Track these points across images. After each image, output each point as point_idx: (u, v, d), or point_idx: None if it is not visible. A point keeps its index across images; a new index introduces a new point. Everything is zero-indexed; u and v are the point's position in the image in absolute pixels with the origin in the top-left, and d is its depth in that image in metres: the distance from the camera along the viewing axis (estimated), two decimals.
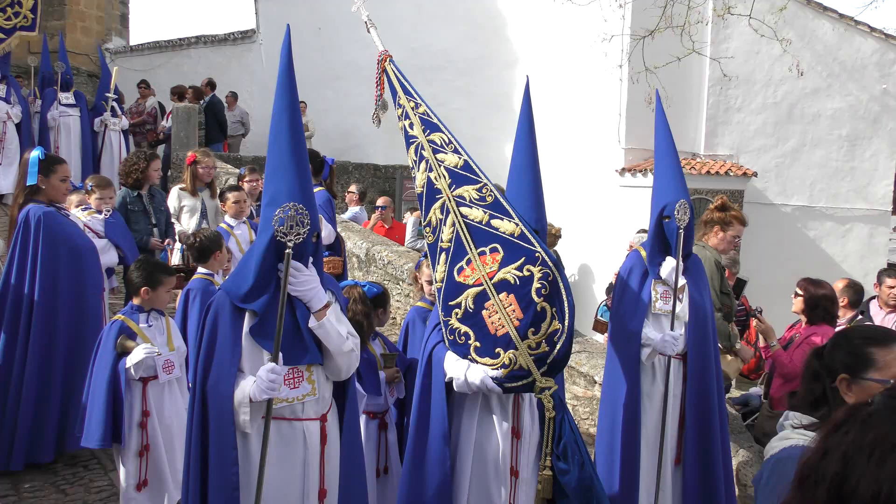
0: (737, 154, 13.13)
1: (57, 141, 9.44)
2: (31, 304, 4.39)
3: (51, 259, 4.41)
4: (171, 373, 3.79)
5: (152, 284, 3.83)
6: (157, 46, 16.98)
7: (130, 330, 3.75)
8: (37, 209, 4.45)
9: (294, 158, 2.76)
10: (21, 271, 4.41)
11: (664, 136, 3.96)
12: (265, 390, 2.60)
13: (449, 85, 13.74)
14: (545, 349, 2.94)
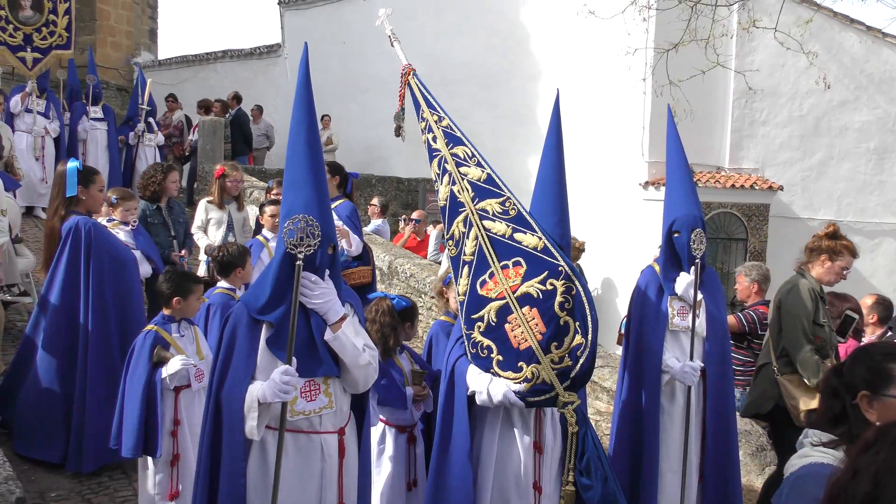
0: (762, 168, 13.01)
1: (85, 153, 9.60)
2: (86, 313, 4.41)
3: (101, 270, 4.45)
4: (202, 381, 3.83)
5: (183, 294, 3.87)
6: (185, 61, 17.26)
7: (164, 340, 3.79)
8: (84, 221, 4.48)
9: (311, 172, 2.78)
10: (73, 282, 4.41)
11: (676, 151, 3.97)
12: (278, 393, 2.59)
13: (472, 98, 13.78)
14: (568, 363, 2.93)
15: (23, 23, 7.92)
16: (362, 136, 14.79)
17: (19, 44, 7.90)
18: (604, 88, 12.66)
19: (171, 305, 3.88)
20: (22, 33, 7.91)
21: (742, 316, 5.54)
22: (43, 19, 8.03)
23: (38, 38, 8.00)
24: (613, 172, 12.76)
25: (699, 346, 3.83)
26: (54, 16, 8.11)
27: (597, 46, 12.13)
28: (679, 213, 3.83)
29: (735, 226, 12.46)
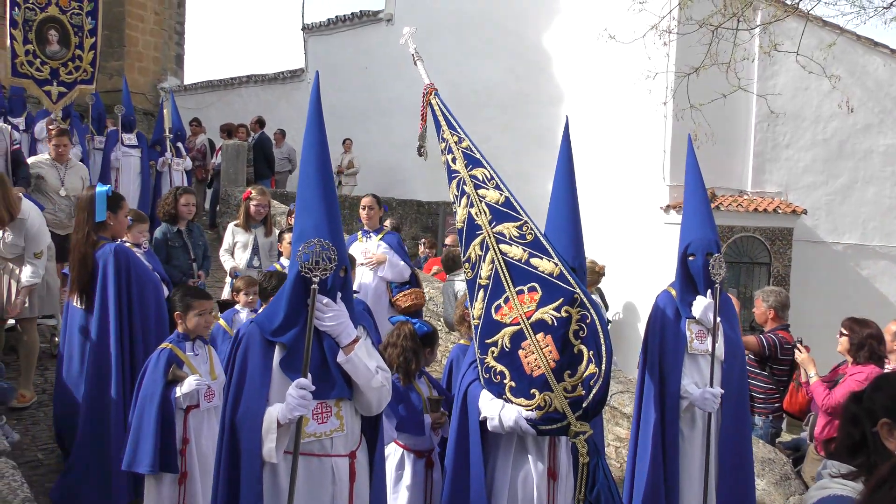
0: (785, 191, 12.88)
1: (118, 180, 9.74)
2: (130, 337, 4.45)
3: (142, 299, 4.50)
4: (212, 401, 3.84)
5: (184, 309, 3.90)
6: (210, 85, 17.54)
7: (179, 359, 3.81)
8: (121, 248, 4.54)
9: (322, 195, 2.81)
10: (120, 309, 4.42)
11: (694, 177, 3.99)
12: (295, 407, 2.59)
13: (493, 121, 13.83)
14: (581, 392, 2.89)
15: (50, 57, 8.15)
16: (383, 159, 14.88)
17: (46, 78, 8.14)
18: (625, 112, 12.65)
19: (175, 320, 3.91)
20: (49, 67, 8.14)
21: (763, 338, 5.45)
22: (69, 54, 8.26)
23: (63, 72, 8.23)
24: (635, 196, 12.71)
25: (717, 371, 3.79)
26: (80, 51, 8.32)
27: (617, 70, 12.13)
28: (694, 236, 3.83)
29: (758, 250, 12.32)
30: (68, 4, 8.22)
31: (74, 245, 4.58)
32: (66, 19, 8.21)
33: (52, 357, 6.02)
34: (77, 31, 8.28)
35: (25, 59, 7.99)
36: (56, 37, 8.19)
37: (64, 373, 4.63)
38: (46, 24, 8.11)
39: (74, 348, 4.55)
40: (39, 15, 8.03)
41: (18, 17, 7.93)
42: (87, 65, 8.38)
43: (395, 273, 6.11)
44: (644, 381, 3.94)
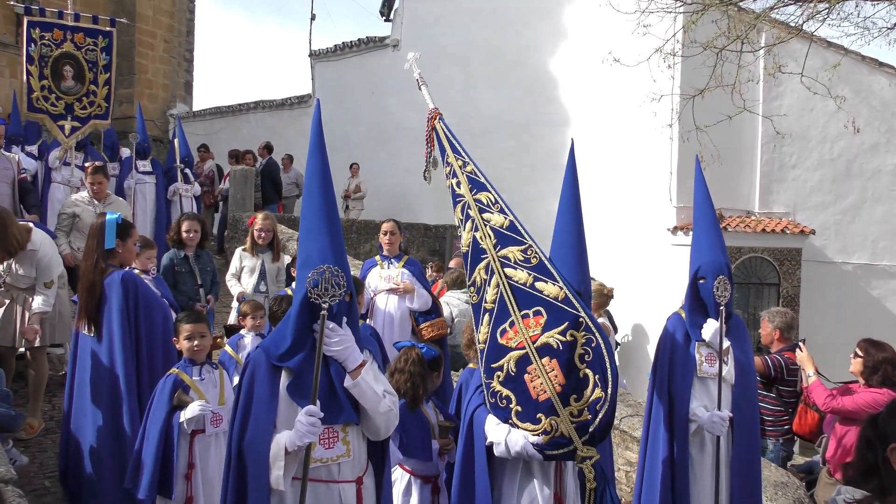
0: (793, 211, 12.85)
1: (133, 207, 9.79)
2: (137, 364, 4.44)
3: (149, 326, 4.50)
4: (219, 426, 3.83)
5: (175, 333, 3.95)
6: (219, 112, 17.72)
7: (185, 384, 3.81)
8: (129, 275, 4.54)
9: (325, 221, 2.83)
10: (129, 336, 4.43)
11: (703, 199, 3.99)
12: (305, 434, 2.59)
13: (499, 146, 13.89)
14: (587, 417, 2.87)
15: (65, 92, 8.24)
16: (390, 184, 14.95)
17: (60, 112, 8.22)
18: (631, 134, 12.69)
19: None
20: (63, 103, 8.22)
21: (769, 359, 5.41)
22: (84, 90, 8.34)
23: (78, 107, 8.33)
24: (642, 218, 12.70)
25: (727, 394, 3.76)
26: (95, 86, 8.41)
27: (623, 93, 12.19)
28: (704, 259, 3.81)
29: (767, 270, 12.26)
30: (83, 41, 8.33)
31: (83, 272, 4.59)
32: (81, 55, 8.31)
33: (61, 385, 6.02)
34: (92, 66, 8.38)
35: (41, 94, 8.09)
36: (71, 72, 8.28)
37: (74, 401, 4.61)
38: (62, 60, 8.21)
39: (84, 376, 4.54)
40: (55, 51, 8.14)
41: (34, 54, 8.05)
42: (101, 100, 8.47)
43: (421, 303, 5.97)
44: (653, 404, 3.91)
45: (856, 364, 4.60)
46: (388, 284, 5.99)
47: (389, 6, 16.07)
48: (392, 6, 15.88)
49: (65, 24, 8.22)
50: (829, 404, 4.55)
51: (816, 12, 7.89)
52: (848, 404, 4.46)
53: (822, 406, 4.60)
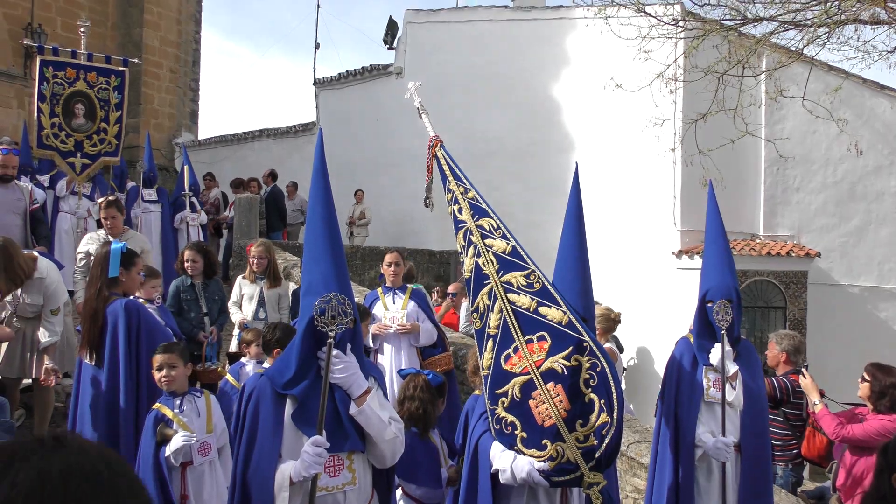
0: (798, 234, 12.84)
1: None
2: (137, 393, 4.41)
3: (152, 351, 4.46)
4: (208, 455, 3.81)
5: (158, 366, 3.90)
6: (224, 140, 17.85)
7: (167, 417, 3.79)
8: (132, 303, 4.53)
9: (329, 248, 2.83)
10: (130, 365, 4.41)
11: (714, 222, 3.97)
12: (311, 465, 2.56)
13: (502, 171, 13.94)
14: (594, 442, 2.84)
15: (75, 130, 8.33)
16: (395, 210, 15.00)
17: (70, 150, 8.29)
18: (634, 159, 12.73)
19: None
20: (73, 140, 8.30)
21: (775, 381, 5.36)
22: (95, 127, 8.44)
23: (88, 144, 8.40)
24: (647, 242, 12.70)
25: (735, 419, 3.71)
26: (106, 124, 8.51)
27: (626, 118, 12.26)
28: (712, 283, 3.79)
29: (773, 294, 12.21)
30: (96, 80, 8.44)
31: (86, 300, 4.60)
32: (93, 94, 8.42)
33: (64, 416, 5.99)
34: (103, 105, 8.49)
35: (51, 131, 8.16)
36: (83, 110, 8.37)
37: (77, 430, 4.59)
38: (74, 98, 8.32)
39: (86, 405, 4.52)
40: (67, 90, 8.25)
41: (46, 92, 8.15)
42: (111, 137, 8.56)
43: (426, 339, 5.77)
44: (660, 429, 3.87)
45: (863, 389, 4.55)
46: (393, 325, 5.73)
47: (392, 35, 16.26)
48: (395, 35, 16.07)
49: (78, 63, 8.35)
50: (838, 433, 4.49)
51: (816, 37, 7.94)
52: (858, 433, 4.41)
53: (832, 435, 4.55)
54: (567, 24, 14.13)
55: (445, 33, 14.97)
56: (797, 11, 7.89)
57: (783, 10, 7.90)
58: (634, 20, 8.87)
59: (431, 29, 15.12)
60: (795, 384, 5.28)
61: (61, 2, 15.76)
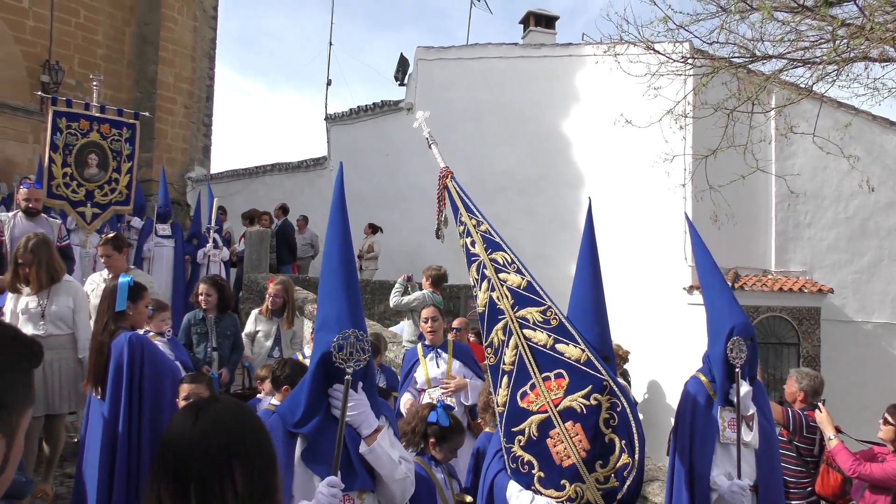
0: (810, 270, 12.76)
1: (150, 270, 9.86)
2: (139, 428, 4.38)
3: (156, 387, 4.45)
4: None
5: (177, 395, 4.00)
6: (235, 174, 17.98)
7: None
8: (136, 336, 4.52)
9: (343, 285, 2.81)
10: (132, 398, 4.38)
11: (707, 258, 3.90)
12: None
13: (512, 205, 13.97)
14: (614, 484, 2.78)
15: (87, 180, 8.46)
16: (404, 244, 15.01)
17: (81, 199, 8.42)
18: (644, 194, 12.73)
19: None
20: (85, 189, 8.43)
21: (790, 412, 5.28)
22: (107, 177, 8.58)
23: (99, 194, 8.54)
24: (657, 277, 12.64)
25: (751, 460, 3.64)
26: (118, 174, 8.67)
27: (635, 153, 12.29)
28: (736, 320, 3.69)
29: (785, 330, 12.10)
30: (109, 131, 8.61)
31: (93, 334, 4.62)
32: (106, 145, 8.57)
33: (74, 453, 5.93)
34: (116, 155, 8.64)
35: (62, 181, 8.28)
36: (96, 160, 8.51)
37: (84, 465, 4.56)
38: (87, 149, 8.46)
39: (94, 440, 4.49)
40: (81, 140, 8.39)
41: (59, 142, 8.28)
42: (122, 187, 8.69)
43: (475, 395, 5.27)
44: (674, 470, 3.80)
45: (886, 431, 4.47)
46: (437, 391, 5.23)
47: (403, 71, 16.45)
48: (406, 71, 16.25)
49: (91, 115, 8.53)
50: (855, 470, 4.41)
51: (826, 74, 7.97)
52: (876, 472, 4.33)
53: (848, 472, 4.46)
54: (576, 61, 14.26)
55: (456, 70, 15.14)
56: (806, 49, 7.93)
57: (792, 47, 7.96)
58: (643, 57, 8.94)
59: (442, 65, 15.30)
60: (809, 419, 5.21)
61: (79, 39, 16.04)
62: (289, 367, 4.53)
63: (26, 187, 6.99)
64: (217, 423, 1.57)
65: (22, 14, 14.99)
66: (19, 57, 14.95)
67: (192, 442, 1.52)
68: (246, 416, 1.65)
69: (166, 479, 1.52)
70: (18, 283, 5.24)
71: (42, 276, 5.17)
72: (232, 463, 1.53)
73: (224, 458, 1.52)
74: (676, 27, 8.01)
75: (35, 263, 5.16)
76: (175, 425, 1.59)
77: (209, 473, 1.51)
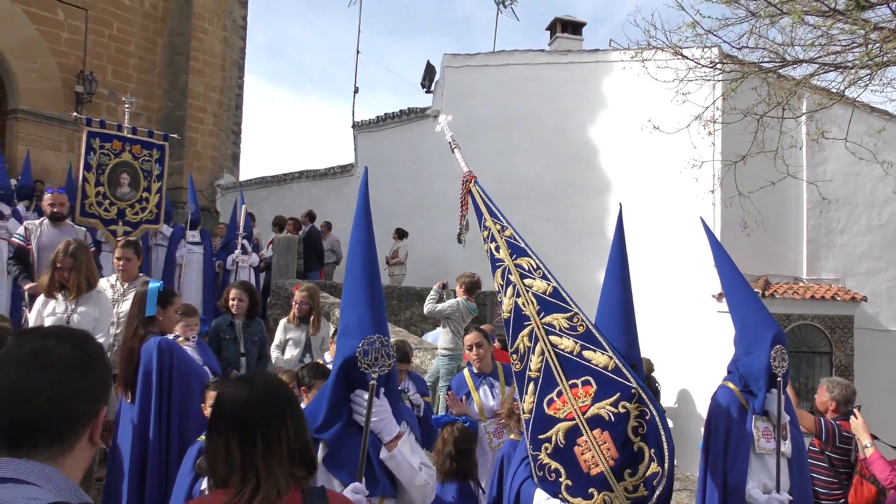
0: (843, 278, 12.54)
1: (181, 276, 10.02)
2: (167, 432, 4.41)
3: (185, 391, 4.48)
4: None
5: (202, 399, 4.01)
6: (263, 182, 18.16)
7: None
8: (165, 341, 4.55)
9: (367, 291, 2.81)
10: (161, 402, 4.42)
11: (727, 264, 3.84)
12: None
13: (535, 213, 13.93)
14: (643, 493, 2.74)
15: (119, 199, 8.72)
16: (429, 251, 15.03)
17: (112, 218, 8.67)
18: (672, 201, 12.63)
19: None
20: (116, 208, 8.69)
21: (822, 421, 5.17)
22: (137, 196, 8.87)
23: (130, 213, 8.81)
24: (686, 284, 12.52)
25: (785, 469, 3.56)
26: (148, 193, 8.96)
27: (663, 160, 12.20)
28: (776, 328, 3.61)
29: (818, 339, 11.90)
30: (140, 152, 8.91)
31: (124, 339, 4.67)
32: (138, 165, 8.86)
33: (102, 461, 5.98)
34: (146, 175, 8.92)
35: (94, 199, 8.51)
36: (128, 180, 8.77)
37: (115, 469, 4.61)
38: (120, 169, 8.73)
39: (125, 444, 4.54)
40: (113, 160, 8.67)
41: (93, 162, 8.55)
42: (153, 206, 8.97)
43: None
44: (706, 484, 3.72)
45: None
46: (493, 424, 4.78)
47: (430, 78, 16.50)
48: (433, 78, 16.31)
49: (123, 136, 8.83)
50: (892, 480, 4.31)
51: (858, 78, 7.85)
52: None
53: (885, 481, 4.36)
54: (603, 68, 14.20)
55: (482, 77, 15.15)
56: (837, 53, 7.82)
57: (823, 52, 7.84)
58: (671, 63, 8.87)
59: (468, 73, 15.33)
60: (842, 429, 5.11)
61: (112, 50, 16.32)
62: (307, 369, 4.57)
63: (50, 192, 7.01)
64: (269, 388, 2.06)
65: (57, 26, 15.31)
66: (54, 68, 15.25)
67: (255, 402, 1.99)
68: (285, 385, 2.17)
69: (234, 430, 1.95)
70: (54, 288, 5.25)
71: (81, 282, 5.18)
72: (286, 417, 2.00)
73: (280, 412, 2.00)
74: (705, 32, 7.94)
75: (75, 268, 5.16)
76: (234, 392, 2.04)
77: (271, 424, 1.97)
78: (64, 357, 1.45)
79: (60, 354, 1.45)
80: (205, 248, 10.37)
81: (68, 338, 1.51)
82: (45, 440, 1.42)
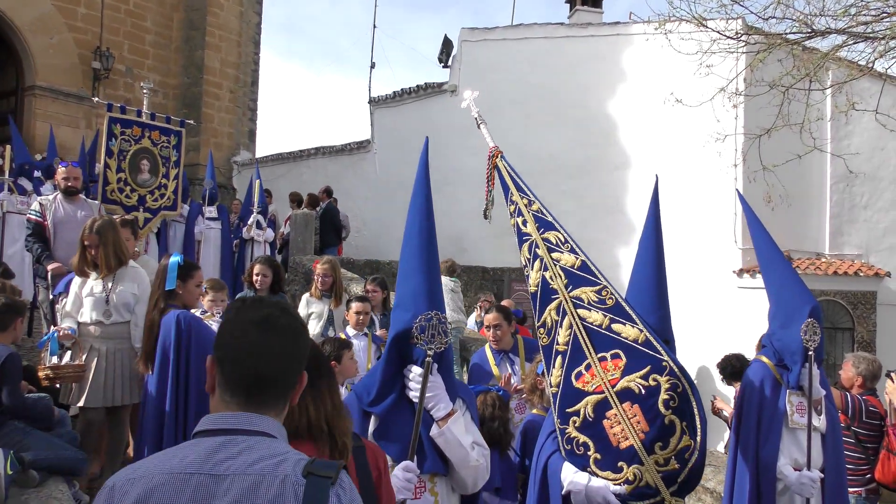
0: (866, 253, 12.36)
1: (199, 251, 10.10)
2: (185, 404, 4.41)
3: (204, 365, 4.45)
4: None
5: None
6: (280, 158, 18.14)
7: None
8: (185, 314, 4.54)
9: (423, 263, 2.77)
10: (178, 375, 4.42)
11: (763, 237, 3.78)
12: (401, 489, 2.49)
13: (557, 188, 13.79)
14: (675, 466, 2.71)
15: (140, 185, 8.80)
16: (448, 227, 14.89)
17: (133, 204, 8.74)
18: (694, 175, 12.46)
19: None
20: (137, 195, 8.78)
21: (849, 396, 5.12)
22: (157, 182, 8.95)
23: (150, 199, 8.90)
24: (706, 260, 12.39)
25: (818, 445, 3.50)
26: (166, 180, 9.04)
27: (685, 133, 12.03)
28: (813, 302, 3.56)
29: (840, 314, 11.77)
30: (159, 138, 8.99)
31: (147, 313, 4.68)
32: (157, 151, 8.94)
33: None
34: (165, 161, 9.00)
35: (116, 186, 8.60)
36: (147, 166, 8.84)
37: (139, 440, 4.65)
38: (140, 155, 8.81)
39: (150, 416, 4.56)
40: (133, 146, 8.74)
41: (114, 148, 8.61)
42: (170, 192, 9.05)
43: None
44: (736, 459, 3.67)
45: None
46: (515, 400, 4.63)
47: (447, 53, 16.32)
48: (450, 53, 16.12)
49: (143, 122, 8.90)
50: None
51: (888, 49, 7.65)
52: None
53: None
54: (623, 41, 13.98)
55: (500, 51, 14.96)
56: (867, 24, 7.62)
57: (852, 22, 7.65)
58: (695, 35, 8.69)
59: (486, 47, 15.14)
60: (869, 404, 5.06)
61: (128, 25, 16.29)
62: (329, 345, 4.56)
63: (64, 166, 6.86)
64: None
65: (74, 2, 15.28)
66: (71, 44, 15.25)
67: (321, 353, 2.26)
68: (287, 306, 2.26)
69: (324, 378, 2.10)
70: (86, 266, 5.13)
71: (110, 259, 5.06)
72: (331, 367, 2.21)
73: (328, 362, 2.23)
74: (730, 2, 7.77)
75: (102, 245, 5.04)
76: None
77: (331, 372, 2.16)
78: (289, 324, 1.59)
79: (287, 322, 1.59)
80: (222, 223, 10.42)
81: (284, 308, 1.65)
82: (275, 397, 1.55)
